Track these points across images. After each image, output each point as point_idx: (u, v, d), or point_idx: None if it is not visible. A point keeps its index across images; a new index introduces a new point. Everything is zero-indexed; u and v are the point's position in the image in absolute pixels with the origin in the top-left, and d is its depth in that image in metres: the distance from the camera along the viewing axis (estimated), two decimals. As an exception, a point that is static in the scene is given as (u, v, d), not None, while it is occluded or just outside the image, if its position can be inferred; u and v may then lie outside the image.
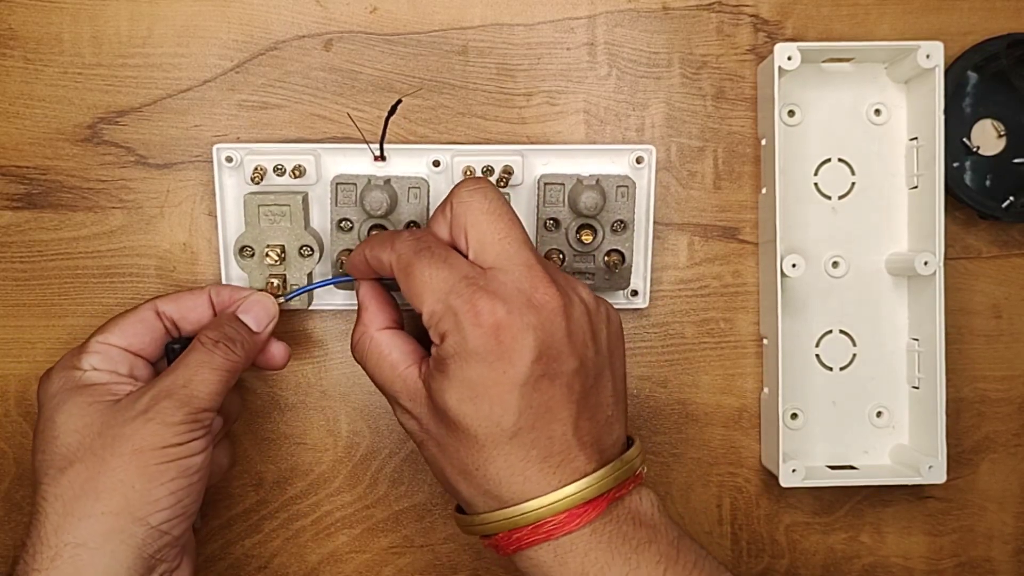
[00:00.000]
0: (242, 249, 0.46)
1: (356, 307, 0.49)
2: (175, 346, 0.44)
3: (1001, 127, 0.50)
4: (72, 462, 0.40)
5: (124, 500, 0.39)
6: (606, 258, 0.47)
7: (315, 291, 0.48)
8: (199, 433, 0.40)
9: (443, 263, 0.39)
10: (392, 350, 0.41)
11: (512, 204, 0.47)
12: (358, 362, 0.42)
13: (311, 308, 0.48)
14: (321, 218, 0.47)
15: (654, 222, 0.49)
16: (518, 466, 0.38)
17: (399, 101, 0.44)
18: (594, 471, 0.38)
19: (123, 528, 0.39)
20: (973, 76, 0.50)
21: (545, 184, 0.47)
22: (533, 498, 0.38)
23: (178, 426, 0.40)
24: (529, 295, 0.38)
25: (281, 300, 0.46)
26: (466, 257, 0.39)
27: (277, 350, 0.46)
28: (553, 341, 0.38)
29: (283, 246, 0.46)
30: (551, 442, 0.38)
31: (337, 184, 0.46)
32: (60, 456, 0.40)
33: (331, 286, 0.48)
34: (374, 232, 0.46)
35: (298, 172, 0.46)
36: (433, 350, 0.39)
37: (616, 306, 0.49)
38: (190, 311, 0.45)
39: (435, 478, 0.43)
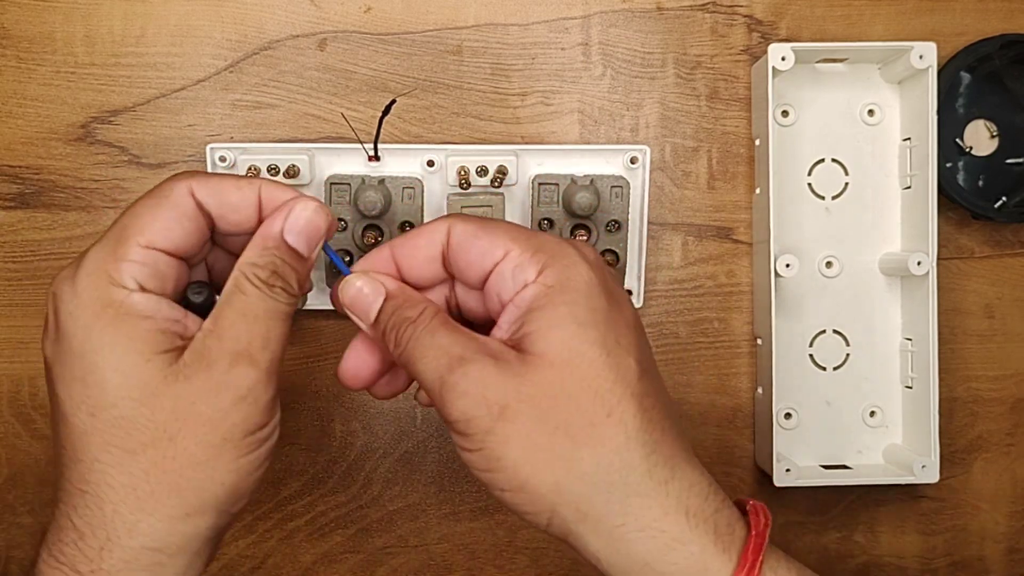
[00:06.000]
0: (236, 249, 0.46)
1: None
2: (196, 298, 0.35)
3: (994, 128, 0.50)
4: (144, 445, 0.32)
5: (211, 498, 0.32)
6: (600, 258, 0.47)
7: (308, 292, 0.48)
8: (278, 402, 0.34)
9: (511, 223, 0.35)
10: (460, 326, 0.34)
11: (506, 204, 0.47)
12: (409, 339, 0.33)
13: (304, 308, 0.48)
14: (315, 218, 0.47)
15: (648, 222, 0.49)
16: (653, 413, 0.32)
17: (393, 101, 0.44)
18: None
19: (209, 525, 0.33)
20: (966, 77, 0.50)
21: (539, 184, 0.47)
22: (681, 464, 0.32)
23: (268, 402, 0.33)
24: (596, 253, 0.36)
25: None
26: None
27: None
28: (631, 301, 0.36)
29: (277, 246, 0.46)
30: (667, 399, 0.34)
31: (331, 184, 0.46)
32: (125, 433, 0.32)
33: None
34: (370, 231, 0.46)
35: (292, 172, 0.46)
36: (524, 292, 0.33)
37: (610, 306, 0.49)
38: (234, 210, 0.35)
39: (509, 472, 0.32)
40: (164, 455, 0.32)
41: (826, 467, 0.50)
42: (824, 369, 0.51)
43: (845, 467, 0.50)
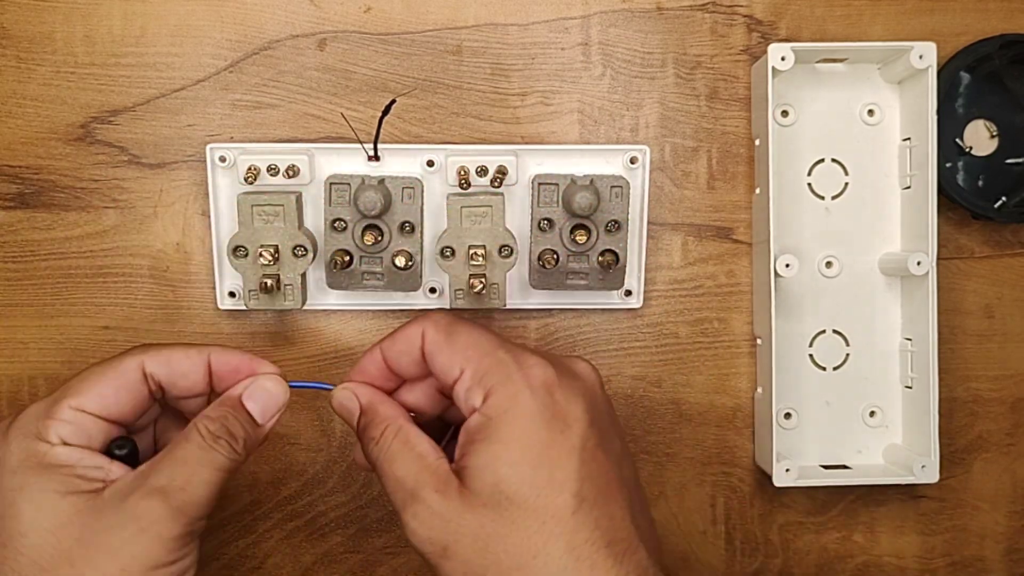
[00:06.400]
0: (236, 249, 0.46)
1: (351, 316, 0.49)
2: (119, 451, 0.37)
3: (994, 128, 0.50)
4: (45, 571, 0.34)
5: None
6: (600, 258, 0.47)
7: (309, 291, 0.48)
8: (191, 547, 0.36)
9: (486, 329, 0.38)
10: (420, 441, 0.37)
11: (506, 204, 0.47)
12: (374, 459, 0.37)
13: (305, 308, 0.48)
14: (315, 218, 0.47)
15: (648, 222, 0.49)
16: (584, 549, 0.33)
17: (393, 101, 0.44)
18: (655, 573, 0.35)
19: None
20: (966, 77, 0.50)
21: (539, 184, 0.47)
22: None
23: (174, 541, 0.34)
24: (570, 365, 0.38)
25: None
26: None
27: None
28: (598, 413, 0.36)
29: (277, 246, 0.46)
30: (612, 523, 0.34)
31: (331, 184, 0.46)
32: (29, 561, 0.34)
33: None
34: (370, 231, 0.46)
35: (292, 172, 0.46)
36: (471, 420, 0.36)
37: (610, 306, 0.50)
38: (182, 377, 0.39)
39: None
40: None
41: (826, 467, 0.50)
42: (824, 369, 0.51)
43: (845, 467, 0.50)
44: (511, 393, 0.35)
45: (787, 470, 0.47)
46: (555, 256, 0.47)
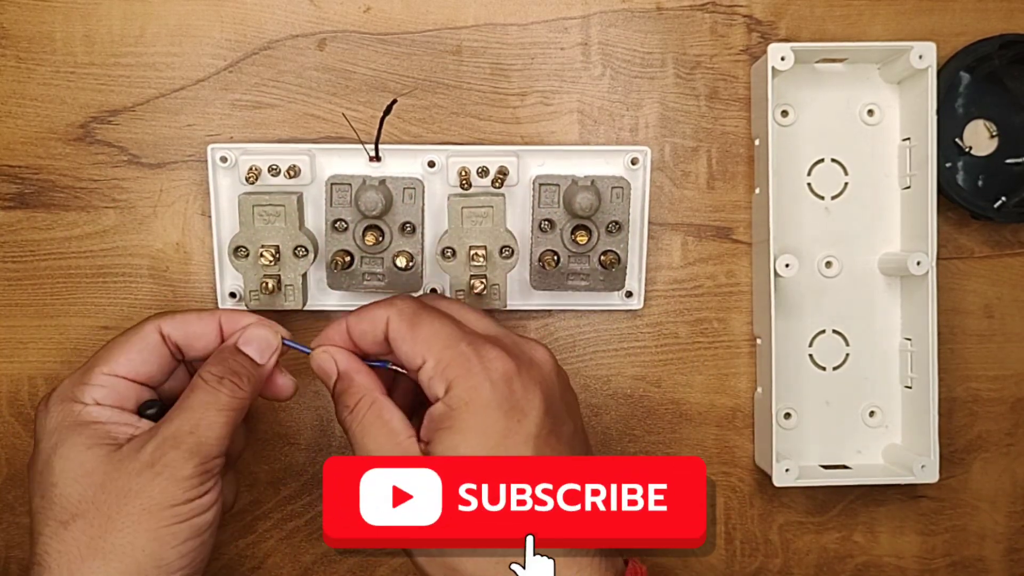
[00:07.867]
0: (236, 249, 0.46)
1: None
2: (149, 411, 0.41)
3: (993, 127, 0.51)
4: (75, 516, 0.37)
5: (134, 563, 0.37)
6: (602, 258, 0.47)
7: (310, 291, 0.48)
8: (209, 485, 0.38)
9: (448, 319, 0.39)
10: (393, 416, 0.39)
11: (507, 205, 0.47)
12: (348, 427, 0.40)
13: (306, 308, 0.48)
14: (316, 218, 0.47)
15: (648, 222, 0.49)
16: None
17: (394, 101, 0.44)
18: None
19: None
20: (965, 77, 0.50)
21: (540, 185, 0.47)
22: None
23: (188, 480, 0.38)
24: (529, 353, 0.39)
25: (284, 337, 0.43)
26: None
27: (284, 381, 0.43)
28: (554, 400, 0.39)
29: (278, 246, 0.46)
30: None
31: (332, 184, 0.46)
32: (60, 507, 0.38)
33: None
34: (371, 232, 0.46)
35: (293, 172, 0.46)
36: (435, 407, 0.38)
37: (611, 307, 0.50)
38: (198, 338, 0.42)
39: (418, 565, 0.39)
40: (91, 523, 0.37)
41: (825, 467, 0.50)
42: (824, 369, 0.51)
43: (845, 467, 0.50)
44: (472, 385, 0.37)
45: (787, 470, 0.47)
46: (556, 257, 0.47)
